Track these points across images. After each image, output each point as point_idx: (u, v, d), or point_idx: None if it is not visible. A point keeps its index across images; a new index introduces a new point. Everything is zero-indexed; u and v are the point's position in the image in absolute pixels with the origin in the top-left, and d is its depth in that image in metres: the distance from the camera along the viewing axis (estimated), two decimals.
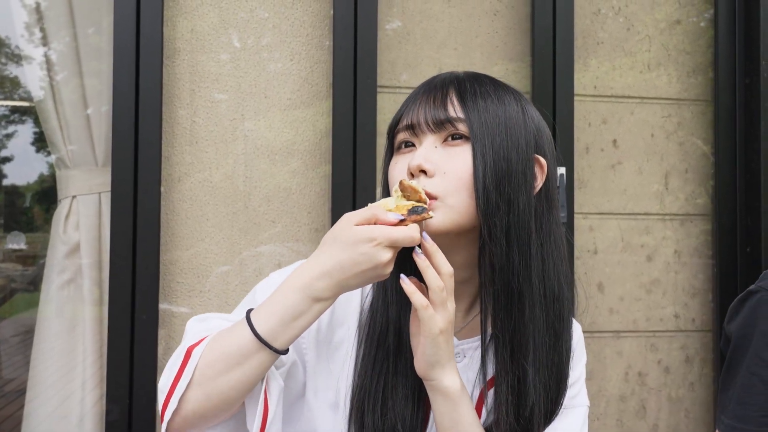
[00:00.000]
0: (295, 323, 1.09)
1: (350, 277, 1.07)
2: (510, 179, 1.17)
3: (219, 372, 1.09)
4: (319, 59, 2.60)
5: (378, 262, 1.06)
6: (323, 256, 1.08)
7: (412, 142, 1.22)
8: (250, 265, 2.51)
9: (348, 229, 1.07)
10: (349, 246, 1.06)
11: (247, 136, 2.54)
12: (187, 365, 1.10)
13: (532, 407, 1.20)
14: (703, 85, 2.87)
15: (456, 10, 2.70)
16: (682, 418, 2.80)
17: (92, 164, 2.55)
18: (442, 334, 1.12)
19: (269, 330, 1.08)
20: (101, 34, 2.59)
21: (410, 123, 1.21)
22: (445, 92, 1.21)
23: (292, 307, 1.08)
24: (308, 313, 1.09)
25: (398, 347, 1.22)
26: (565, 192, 2.63)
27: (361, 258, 1.05)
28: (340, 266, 1.06)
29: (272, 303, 1.10)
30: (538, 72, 2.68)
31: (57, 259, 2.55)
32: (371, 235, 1.05)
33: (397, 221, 1.07)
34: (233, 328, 1.12)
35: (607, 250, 2.76)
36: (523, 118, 1.22)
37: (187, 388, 1.10)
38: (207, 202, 2.51)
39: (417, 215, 1.08)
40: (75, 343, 2.55)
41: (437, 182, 1.16)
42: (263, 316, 1.09)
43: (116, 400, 2.36)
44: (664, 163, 2.82)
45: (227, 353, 1.09)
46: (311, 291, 1.08)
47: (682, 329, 2.81)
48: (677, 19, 2.87)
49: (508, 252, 1.17)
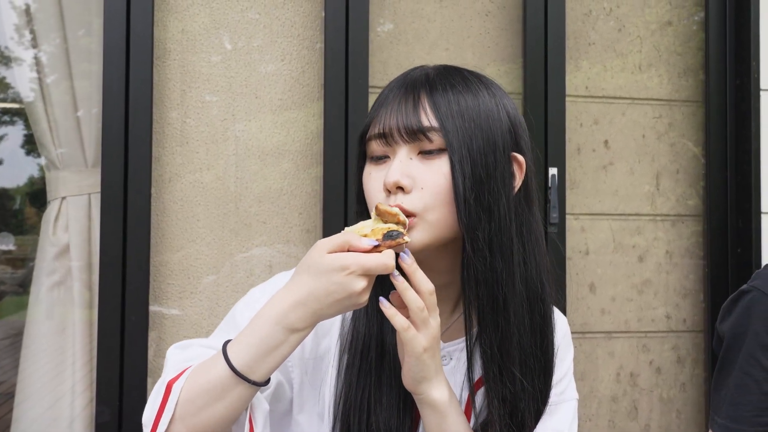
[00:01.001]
0: (273, 355, 1.05)
1: (325, 307, 1.03)
2: (489, 186, 1.14)
3: (200, 408, 1.06)
4: (311, 60, 2.59)
5: (352, 291, 1.02)
6: (297, 285, 1.05)
7: (386, 155, 1.17)
8: (241, 266, 2.50)
9: (320, 257, 1.03)
10: (322, 275, 1.02)
11: (238, 137, 2.53)
12: (168, 400, 1.08)
13: (521, 407, 1.19)
14: (694, 87, 2.88)
15: (448, 11, 2.70)
16: (674, 419, 2.80)
17: (82, 165, 2.54)
18: (426, 352, 1.09)
19: (246, 363, 1.05)
20: (91, 35, 2.58)
21: (382, 132, 1.16)
22: (417, 97, 1.15)
23: (268, 339, 1.04)
24: (285, 344, 1.05)
25: (382, 357, 1.19)
26: (556, 193, 2.63)
27: (335, 287, 1.02)
28: (313, 296, 1.03)
29: (248, 335, 1.06)
30: (529, 73, 2.68)
31: (46, 261, 2.53)
32: (344, 263, 1.01)
33: (371, 247, 1.03)
34: (211, 361, 1.08)
35: (598, 250, 2.76)
36: (497, 114, 1.18)
37: (170, 423, 1.07)
38: (198, 203, 2.50)
39: (392, 240, 1.04)
40: (64, 346, 2.53)
41: (415, 198, 1.12)
42: (240, 348, 1.06)
43: (106, 402, 2.34)
44: (655, 164, 2.82)
45: (206, 389, 1.06)
46: (286, 322, 1.04)
47: (673, 330, 2.82)
48: (668, 21, 2.87)
49: (491, 262, 1.15)
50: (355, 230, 1.07)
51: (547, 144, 2.66)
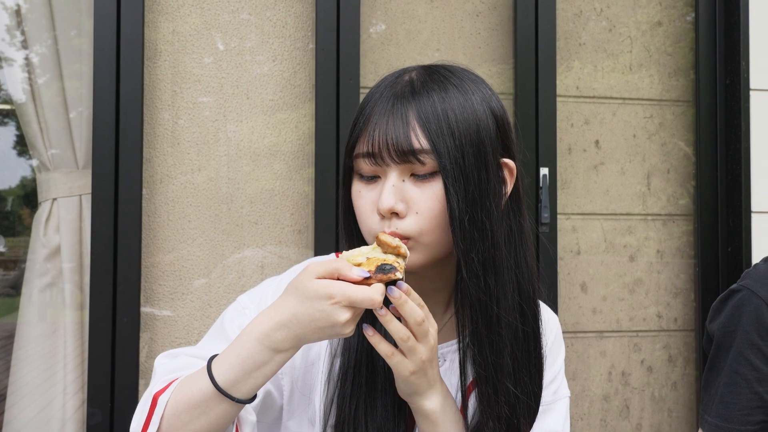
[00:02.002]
0: (257, 373, 1.04)
1: (308, 332, 1.02)
2: (482, 203, 1.12)
3: (185, 422, 1.06)
4: (302, 61, 2.59)
5: (335, 321, 1.00)
6: (282, 306, 1.03)
7: (376, 174, 1.14)
8: (232, 267, 2.50)
9: (308, 281, 1.01)
10: (307, 300, 1.00)
11: (230, 138, 2.53)
12: (155, 413, 1.08)
13: (517, 417, 1.19)
14: (685, 87, 2.89)
15: (439, 12, 2.70)
16: (665, 418, 2.81)
17: (73, 166, 2.53)
18: (413, 375, 1.09)
19: (230, 381, 1.04)
20: (82, 36, 2.57)
21: (371, 151, 1.12)
22: (404, 113, 1.11)
23: (252, 357, 1.03)
24: (270, 364, 1.04)
25: (374, 362, 1.18)
26: (547, 193, 2.64)
27: (318, 314, 1.00)
28: (296, 320, 1.01)
29: (232, 352, 1.05)
30: (520, 73, 2.68)
31: (37, 263, 2.53)
32: (329, 291, 0.99)
33: (360, 279, 1.01)
34: (196, 376, 1.08)
35: (590, 250, 2.77)
36: (485, 120, 1.15)
37: None
38: (189, 204, 2.49)
39: (383, 274, 1.01)
40: (56, 348, 2.52)
41: (411, 222, 1.11)
42: (224, 366, 1.05)
43: (97, 403, 2.34)
44: (646, 163, 2.83)
45: (191, 404, 1.06)
46: (270, 342, 1.03)
47: (664, 329, 2.83)
48: (659, 21, 2.88)
49: (485, 281, 1.13)
50: (351, 257, 1.05)
51: (538, 144, 2.66)
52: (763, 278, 1.60)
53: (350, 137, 1.17)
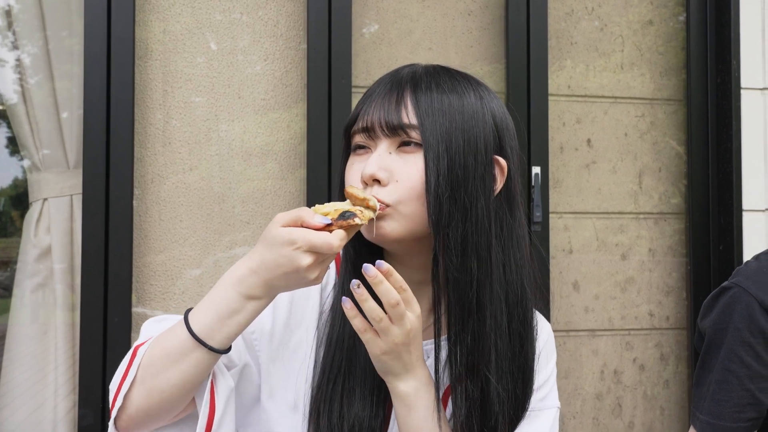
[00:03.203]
0: (230, 321, 1.07)
1: (275, 278, 1.05)
2: (467, 186, 1.14)
3: (158, 370, 1.09)
4: (294, 60, 2.59)
5: (298, 266, 1.03)
6: (253, 253, 1.07)
7: (367, 146, 1.19)
8: (224, 267, 2.49)
9: (274, 228, 1.05)
10: (272, 246, 1.04)
11: (222, 138, 2.52)
12: (133, 363, 1.11)
13: (495, 415, 1.18)
14: (676, 86, 2.90)
15: (431, 11, 2.70)
16: (658, 416, 2.82)
17: (63, 166, 2.53)
18: (385, 355, 1.11)
19: (204, 328, 1.07)
20: (74, 37, 2.56)
21: (366, 126, 1.18)
22: (401, 94, 1.17)
23: (226, 304, 1.07)
24: (243, 312, 1.07)
25: (355, 349, 1.20)
26: (539, 191, 2.64)
27: (283, 260, 1.03)
28: (264, 266, 1.05)
29: (208, 300, 1.09)
30: (512, 72, 2.68)
31: (28, 263, 2.52)
32: (292, 237, 1.02)
33: (322, 225, 1.04)
34: (173, 328, 1.11)
35: (582, 249, 2.77)
36: (483, 116, 1.18)
37: (131, 386, 1.10)
38: (181, 204, 2.49)
39: (344, 221, 1.04)
40: (47, 349, 2.51)
41: (390, 190, 1.13)
42: (199, 313, 1.09)
43: (89, 404, 2.33)
44: (637, 162, 2.84)
45: (166, 352, 1.09)
46: (242, 288, 1.06)
47: (656, 327, 2.83)
48: (650, 20, 2.89)
49: (464, 262, 1.14)
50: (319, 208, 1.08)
51: (530, 143, 2.67)
52: (754, 276, 1.61)
53: (349, 118, 1.23)
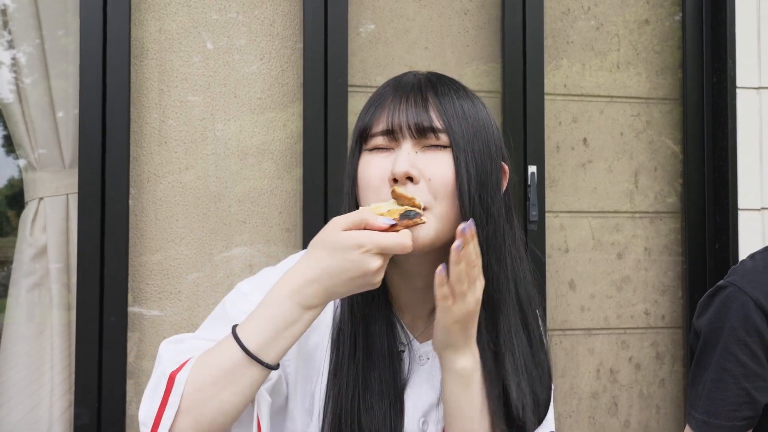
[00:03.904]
0: (286, 333, 1.04)
1: (338, 285, 1.03)
2: (487, 188, 1.16)
3: (209, 397, 1.03)
4: (291, 59, 2.59)
5: (366, 270, 1.01)
6: (311, 261, 1.04)
7: (388, 147, 1.17)
8: (221, 266, 2.49)
9: (335, 233, 1.02)
10: (336, 252, 1.01)
11: (218, 137, 2.52)
12: (172, 392, 1.04)
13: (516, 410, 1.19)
14: (672, 85, 2.90)
15: (427, 10, 2.70)
16: (653, 415, 2.82)
17: (59, 166, 2.52)
18: (456, 323, 1.10)
19: (259, 344, 1.03)
20: (70, 36, 2.56)
21: (389, 128, 1.16)
22: (424, 96, 1.17)
23: (283, 316, 1.03)
24: (299, 323, 1.04)
25: (369, 359, 1.19)
26: (535, 191, 2.65)
27: (349, 265, 1.01)
28: (327, 273, 1.02)
29: (260, 314, 1.05)
30: (508, 71, 2.68)
31: (24, 263, 2.51)
32: (359, 241, 1.01)
33: (387, 226, 1.03)
34: (219, 347, 1.06)
35: (578, 248, 2.78)
36: (491, 123, 1.21)
37: (175, 417, 1.04)
38: (177, 203, 2.48)
39: (409, 220, 1.04)
40: (43, 348, 2.51)
41: (424, 189, 1.13)
42: (251, 329, 1.04)
43: (85, 404, 2.33)
44: (633, 161, 2.84)
45: (216, 375, 1.03)
46: (300, 298, 1.03)
47: (652, 326, 2.84)
48: (646, 20, 2.89)
49: (488, 263, 1.15)
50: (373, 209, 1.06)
51: (526, 142, 2.67)
52: (749, 275, 1.61)
53: (362, 120, 1.20)
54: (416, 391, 1.23)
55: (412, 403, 1.22)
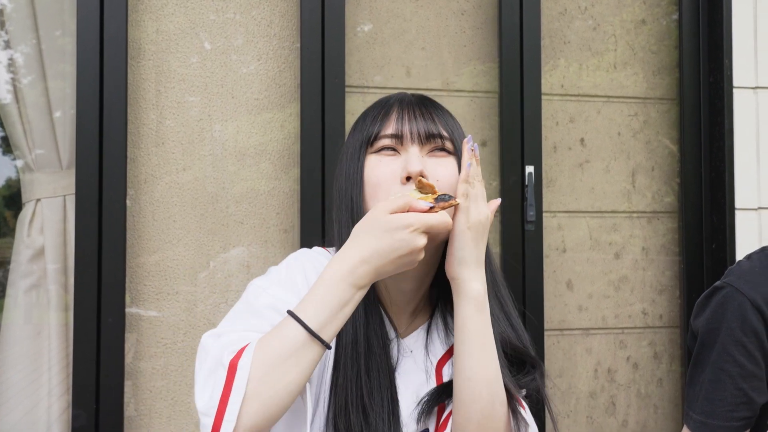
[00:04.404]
0: (341, 313, 1.12)
1: (387, 263, 1.12)
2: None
3: (278, 378, 1.09)
4: (288, 60, 2.59)
5: (415, 247, 1.12)
6: (360, 243, 1.13)
7: (394, 148, 1.30)
8: (218, 267, 2.49)
9: (383, 216, 1.13)
10: (387, 233, 1.11)
11: (215, 138, 2.52)
12: (236, 378, 1.08)
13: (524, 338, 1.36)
14: (669, 85, 2.90)
15: (424, 10, 2.70)
16: (651, 414, 2.83)
17: (56, 167, 2.52)
18: (471, 230, 1.21)
19: (320, 323, 1.10)
20: (67, 36, 2.55)
21: (398, 134, 1.29)
22: (426, 109, 1.32)
23: (338, 296, 1.11)
24: (351, 302, 1.13)
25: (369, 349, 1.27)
26: (533, 191, 2.65)
27: (399, 244, 1.11)
28: (377, 253, 1.12)
29: (315, 296, 1.12)
30: (505, 71, 2.69)
31: (22, 264, 2.51)
32: (408, 221, 1.11)
33: (427, 208, 1.14)
34: (279, 330, 1.12)
35: (575, 248, 2.78)
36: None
37: (242, 402, 1.07)
38: (174, 204, 2.48)
39: (445, 202, 1.17)
40: (41, 349, 2.51)
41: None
42: (310, 310, 1.11)
43: (83, 405, 2.33)
44: (630, 161, 2.84)
45: (282, 356, 1.09)
46: (353, 278, 1.12)
47: (650, 326, 2.84)
48: (643, 19, 2.89)
49: None
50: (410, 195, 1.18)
51: (524, 142, 2.67)
52: (746, 275, 1.61)
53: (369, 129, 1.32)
54: (406, 376, 1.33)
55: (404, 385, 1.31)
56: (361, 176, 1.30)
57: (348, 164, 1.33)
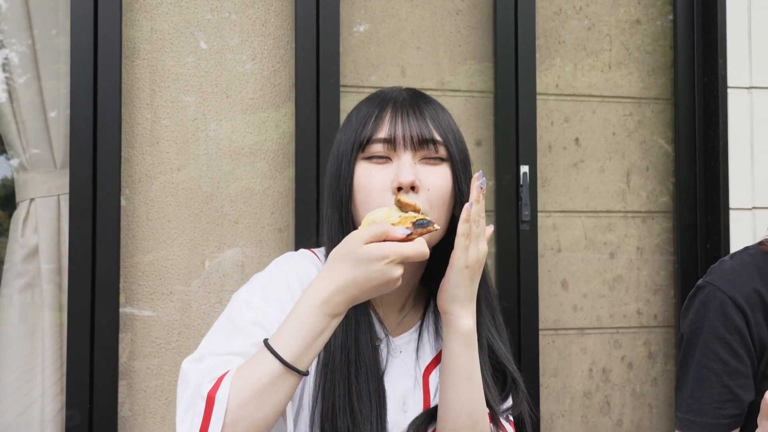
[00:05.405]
0: (317, 342, 1.11)
1: (363, 292, 1.11)
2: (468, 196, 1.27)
3: (254, 410, 1.09)
4: (283, 59, 2.59)
5: (390, 278, 1.10)
6: (336, 273, 1.11)
7: (388, 156, 1.28)
8: (213, 267, 2.49)
9: (359, 247, 1.10)
10: (362, 264, 1.10)
11: (210, 138, 2.52)
12: (214, 410, 1.09)
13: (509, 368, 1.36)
14: (664, 85, 2.91)
15: (419, 10, 2.71)
16: (646, 413, 2.83)
17: (51, 166, 2.52)
18: (468, 269, 1.20)
19: (295, 354, 1.10)
20: (61, 36, 2.56)
21: (390, 138, 1.28)
22: (419, 110, 1.30)
23: (313, 326, 1.11)
24: (327, 331, 1.12)
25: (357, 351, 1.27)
26: (528, 190, 2.65)
27: (375, 275, 1.10)
28: (354, 283, 1.10)
29: (291, 326, 1.11)
30: (500, 71, 2.69)
31: (16, 264, 2.51)
32: (383, 253, 1.09)
33: (404, 236, 1.11)
34: (255, 362, 1.12)
35: (570, 247, 2.78)
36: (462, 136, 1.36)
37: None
38: (169, 203, 2.49)
39: (423, 228, 1.13)
40: (35, 349, 2.51)
41: (423, 198, 1.25)
42: (285, 341, 1.11)
43: (77, 405, 2.33)
44: (625, 161, 2.85)
45: (258, 388, 1.09)
46: (328, 308, 1.11)
47: (644, 325, 2.84)
48: (638, 20, 2.90)
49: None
50: (382, 218, 1.15)
51: (519, 142, 2.67)
52: (728, 274, 1.61)
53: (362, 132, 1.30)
54: (394, 378, 1.33)
55: (392, 388, 1.31)
56: (351, 182, 1.29)
57: (339, 164, 1.32)
